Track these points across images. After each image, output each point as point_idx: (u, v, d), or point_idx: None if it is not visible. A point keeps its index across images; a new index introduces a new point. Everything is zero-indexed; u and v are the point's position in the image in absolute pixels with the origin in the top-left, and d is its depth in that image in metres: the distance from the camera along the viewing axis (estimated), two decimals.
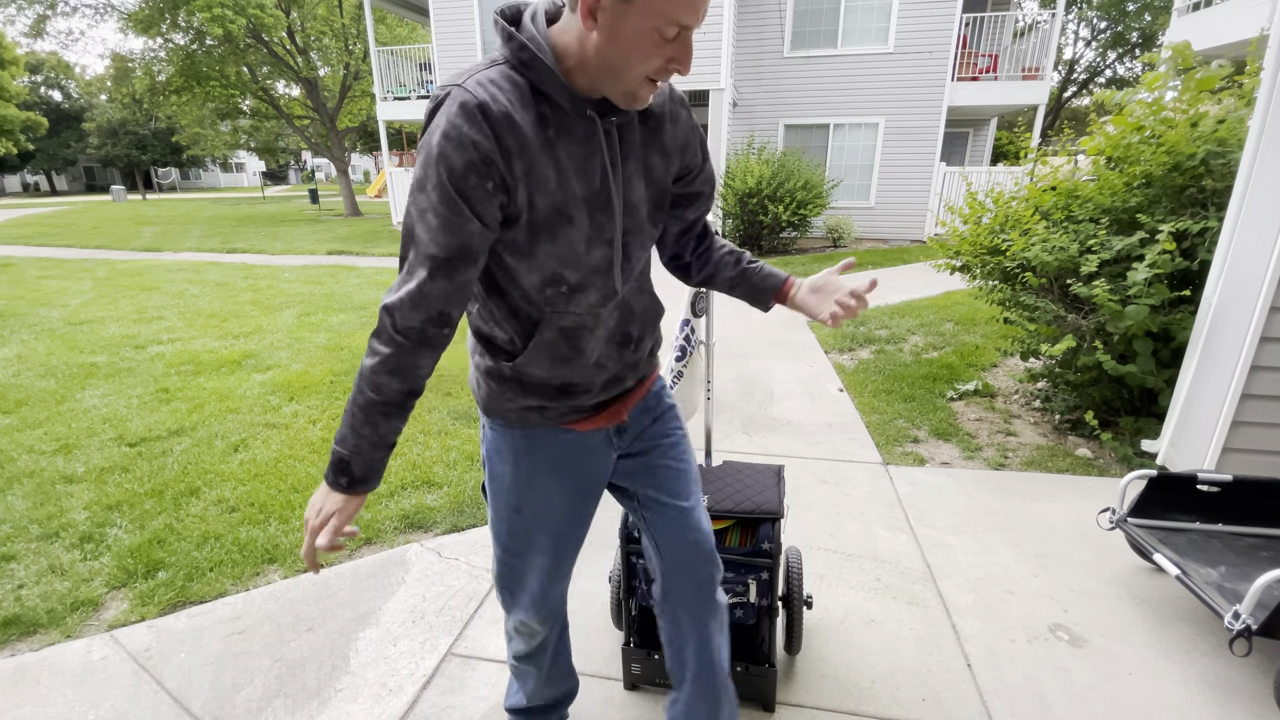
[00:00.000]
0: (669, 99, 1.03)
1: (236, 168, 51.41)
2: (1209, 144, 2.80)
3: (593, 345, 1.06)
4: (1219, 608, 1.67)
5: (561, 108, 0.90)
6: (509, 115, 0.86)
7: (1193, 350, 2.69)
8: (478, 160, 0.85)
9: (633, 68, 0.86)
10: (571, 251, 0.95)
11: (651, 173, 1.02)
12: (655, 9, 0.81)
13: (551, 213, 0.92)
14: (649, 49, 0.84)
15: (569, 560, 1.24)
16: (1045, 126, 14.93)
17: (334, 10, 18.18)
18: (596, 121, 0.93)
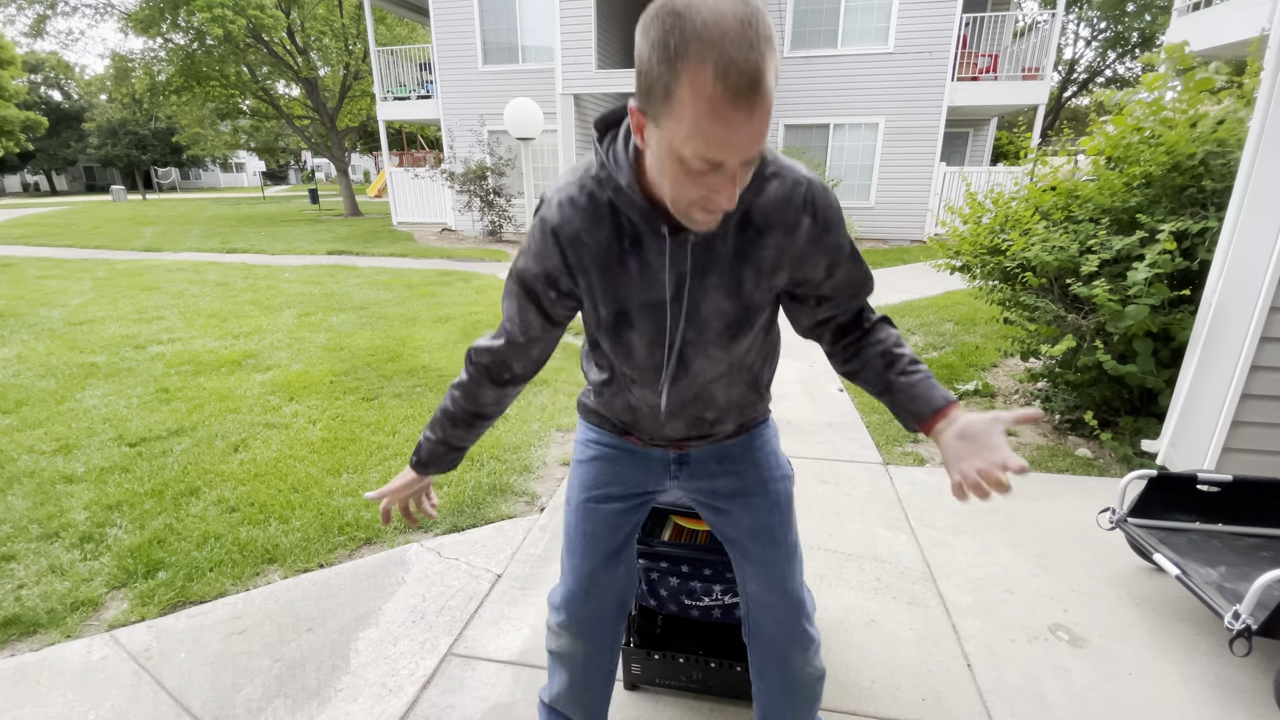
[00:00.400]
0: (791, 205, 0.93)
1: (236, 168, 51.40)
2: (1209, 144, 2.81)
3: (653, 418, 1.14)
4: (1219, 608, 1.67)
5: (635, 222, 0.94)
6: (578, 237, 0.95)
7: (1193, 350, 2.69)
8: (546, 272, 0.99)
9: (674, 193, 0.83)
10: (630, 352, 1.04)
11: (740, 286, 0.98)
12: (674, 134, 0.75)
13: (614, 317, 1.01)
14: (683, 178, 0.80)
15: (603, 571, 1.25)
16: (1045, 126, 14.93)
17: (334, 10, 18.17)
18: (666, 239, 0.93)
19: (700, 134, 0.73)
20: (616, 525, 1.25)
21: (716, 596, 1.54)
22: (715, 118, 0.72)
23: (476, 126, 12.30)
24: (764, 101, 0.72)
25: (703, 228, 0.87)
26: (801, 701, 1.27)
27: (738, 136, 0.73)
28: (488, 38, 11.90)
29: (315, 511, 2.58)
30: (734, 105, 0.71)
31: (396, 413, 3.59)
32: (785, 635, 1.20)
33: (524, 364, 1.11)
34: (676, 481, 1.25)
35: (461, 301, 6.68)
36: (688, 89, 0.71)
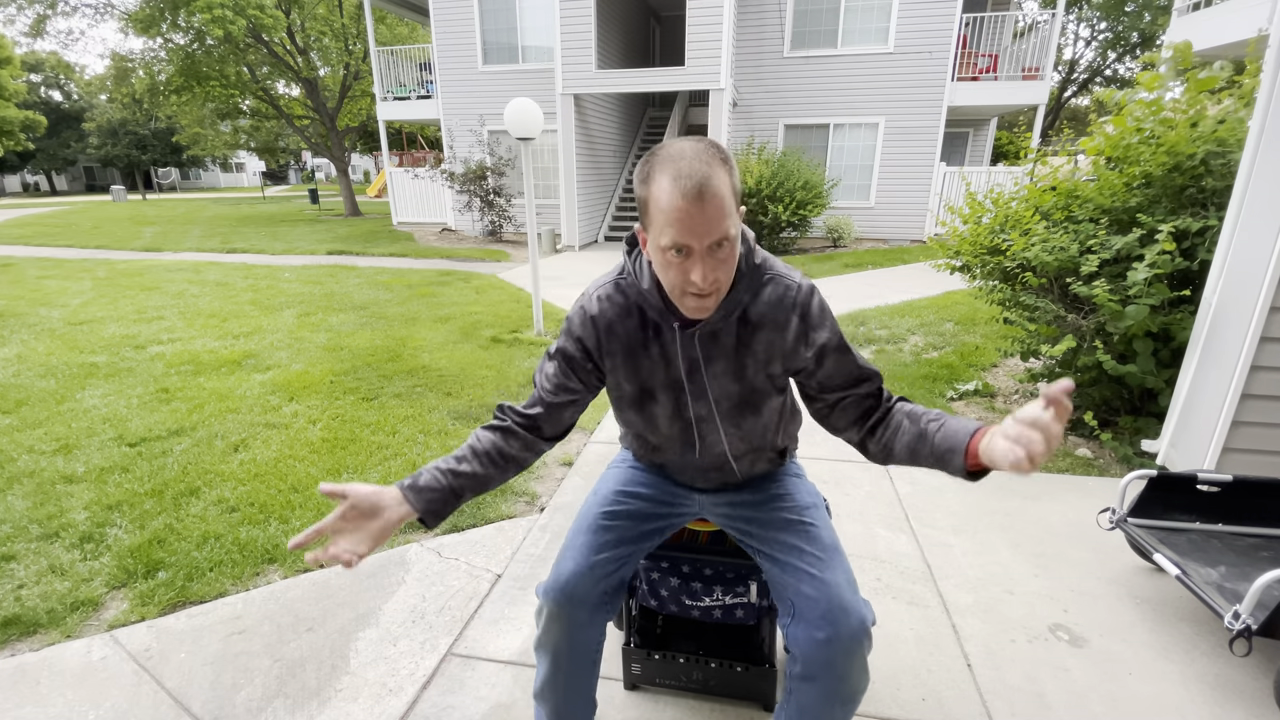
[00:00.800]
0: (782, 307, 1.15)
1: (236, 168, 51.37)
2: (1209, 144, 2.80)
3: (682, 474, 1.38)
4: (1219, 608, 1.67)
5: (656, 321, 1.17)
6: (611, 325, 1.18)
7: (1193, 350, 2.69)
8: (583, 351, 1.21)
9: (667, 284, 1.05)
10: (653, 423, 1.27)
11: (744, 371, 1.18)
12: (656, 233, 0.99)
13: (638, 392, 1.23)
14: (667, 268, 1.02)
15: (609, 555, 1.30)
16: (1045, 126, 14.94)
17: (334, 10, 18.17)
18: (676, 332, 1.16)
19: (667, 227, 0.97)
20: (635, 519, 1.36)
21: (717, 597, 1.54)
22: (673, 212, 0.95)
23: (476, 126, 12.29)
24: (713, 199, 0.94)
25: (697, 314, 1.07)
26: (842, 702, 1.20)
27: (694, 225, 0.95)
28: (488, 38, 11.89)
29: (315, 511, 2.58)
30: (686, 201, 0.94)
31: (396, 413, 3.59)
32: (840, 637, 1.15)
33: (553, 427, 1.24)
34: (703, 496, 1.41)
35: (461, 301, 6.68)
36: (654, 196, 0.97)
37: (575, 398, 1.23)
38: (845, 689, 1.17)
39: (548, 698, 1.36)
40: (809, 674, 1.18)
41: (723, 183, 0.96)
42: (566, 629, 1.27)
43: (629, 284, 1.18)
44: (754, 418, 1.23)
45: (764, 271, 1.16)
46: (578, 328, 1.20)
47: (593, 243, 12.17)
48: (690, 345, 1.16)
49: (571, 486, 2.83)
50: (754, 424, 1.24)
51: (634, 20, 13.10)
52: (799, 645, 1.18)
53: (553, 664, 1.31)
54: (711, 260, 0.99)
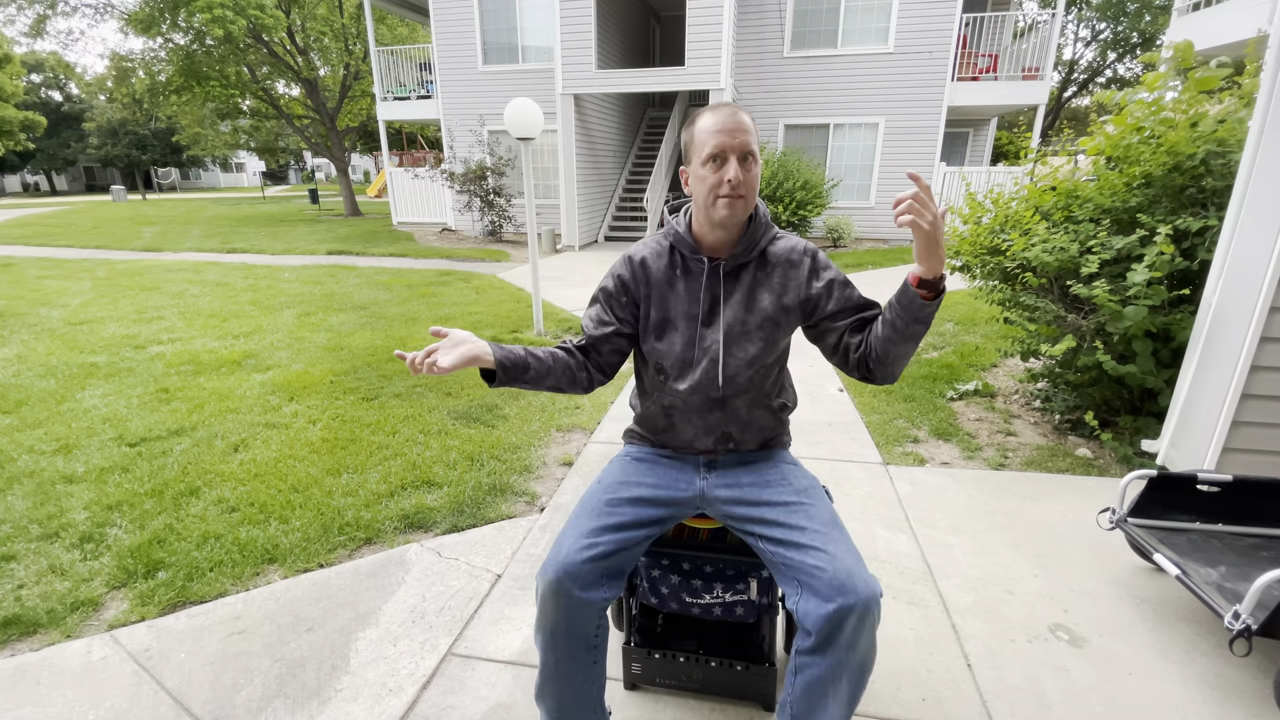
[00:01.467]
0: (795, 251, 1.43)
1: (236, 168, 51.36)
2: (1209, 144, 2.80)
3: (685, 426, 1.47)
4: (1219, 608, 1.67)
5: (686, 257, 1.43)
6: (645, 261, 1.44)
7: (1193, 350, 2.69)
8: (620, 285, 1.45)
9: (704, 195, 1.31)
10: (671, 350, 1.42)
11: (756, 303, 1.40)
12: (702, 152, 1.29)
13: (662, 320, 1.43)
14: (708, 175, 1.29)
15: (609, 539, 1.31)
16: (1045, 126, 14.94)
17: (334, 10, 18.16)
18: (704, 264, 1.40)
19: (707, 141, 1.28)
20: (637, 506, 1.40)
21: (717, 594, 1.54)
22: (712, 126, 1.28)
23: (476, 126, 12.29)
24: (741, 121, 1.28)
25: (728, 221, 1.32)
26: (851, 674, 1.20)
27: (729, 132, 1.27)
28: (488, 38, 11.89)
29: (315, 511, 2.58)
30: (720, 119, 1.28)
31: (396, 413, 3.59)
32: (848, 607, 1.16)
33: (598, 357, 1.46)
34: (705, 481, 1.46)
35: (461, 301, 6.68)
36: (697, 128, 1.31)
37: (614, 329, 1.44)
38: (855, 659, 1.18)
39: (548, 694, 1.35)
40: (819, 645, 1.18)
41: (747, 118, 1.29)
42: (564, 608, 1.26)
43: (668, 234, 1.45)
44: (750, 346, 1.39)
45: (776, 231, 1.45)
46: (620, 266, 1.46)
47: (593, 243, 12.16)
48: (715, 280, 1.40)
49: (571, 486, 2.83)
50: (751, 353, 1.39)
51: (634, 20, 13.10)
52: (809, 618, 1.19)
53: (550, 651, 1.30)
54: (741, 168, 1.27)
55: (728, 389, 1.41)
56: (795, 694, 1.24)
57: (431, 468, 2.95)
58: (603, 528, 1.33)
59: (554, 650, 1.30)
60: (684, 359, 1.41)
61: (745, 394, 1.43)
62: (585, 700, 1.37)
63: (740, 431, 1.46)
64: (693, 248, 1.40)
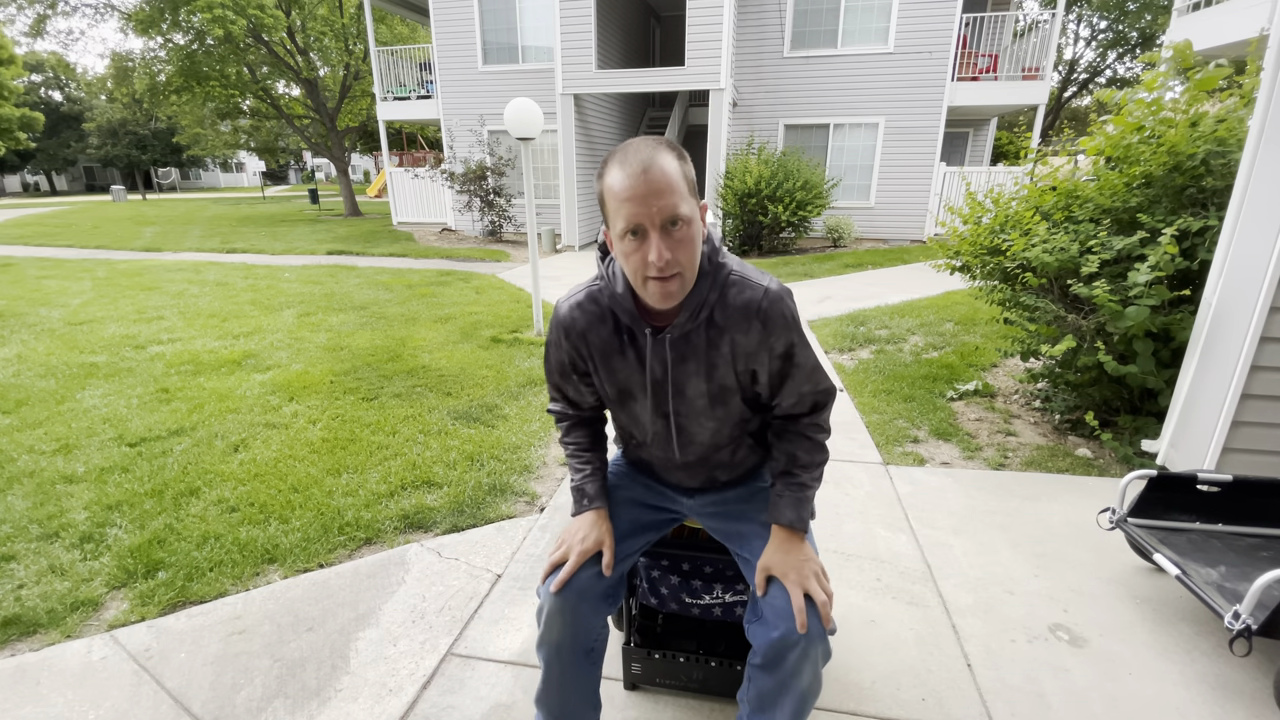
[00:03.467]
0: (746, 312, 1.16)
1: (236, 168, 51.37)
2: (1209, 144, 2.80)
3: (666, 474, 1.42)
4: (1219, 608, 1.67)
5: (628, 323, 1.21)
6: (585, 333, 1.24)
7: (1193, 350, 2.69)
8: (563, 361, 1.30)
9: (631, 275, 1.10)
10: (637, 420, 1.32)
11: (713, 371, 1.22)
12: (613, 225, 1.06)
13: (620, 393, 1.29)
14: (628, 256, 1.06)
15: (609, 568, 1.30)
16: (1045, 126, 14.94)
17: (334, 10, 18.17)
18: (648, 336, 1.20)
19: (619, 210, 1.02)
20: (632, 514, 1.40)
21: (717, 595, 1.54)
22: (623, 193, 1.01)
23: (476, 126, 12.29)
24: (659, 175, 1.00)
25: (662, 302, 1.09)
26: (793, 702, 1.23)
27: (642, 200, 1.00)
28: (488, 38, 11.89)
29: (315, 511, 2.58)
30: (632, 179, 1.00)
31: (396, 413, 3.59)
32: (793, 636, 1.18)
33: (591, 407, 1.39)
34: (691, 500, 1.44)
35: (461, 301, 6.68)
36: (607, 186, 1.04)
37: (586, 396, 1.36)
38: (798, 687, 1.21)
39: (549, 702, 1.36)
40: (765, 666, 1.23)
41: (669, 163, 1.02)
42: (570, 625, 1.26)
43: (602, 291, 1.23)
44: (724, 410, 1.27)
45: (730, 273, 1.17)
46: (554, 340, 1.29)
47: (592, 243, 12.16)
48: (662, 349, 1.20)
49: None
50: (727, 416, 1.28)
51: (634, 20, 13.09)
52: (755, 640, 1.24)
53: (555, 664, 1.30)
54: (667, 240, 1.03)
55: (705, 452, 1.33)
56: (750, 694, 1.29)
57: (431, 468, 2.95)
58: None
59: (560, 662, 1.30)
60: (655, 430, 1.31)
61: (725, 448, 1.34)
62: (585, 699, 1.38)
63: (726, 473, 1.39)
64: (633, 315, 1.19)
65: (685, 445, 1.32)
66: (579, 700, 1.37)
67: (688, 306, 1.15)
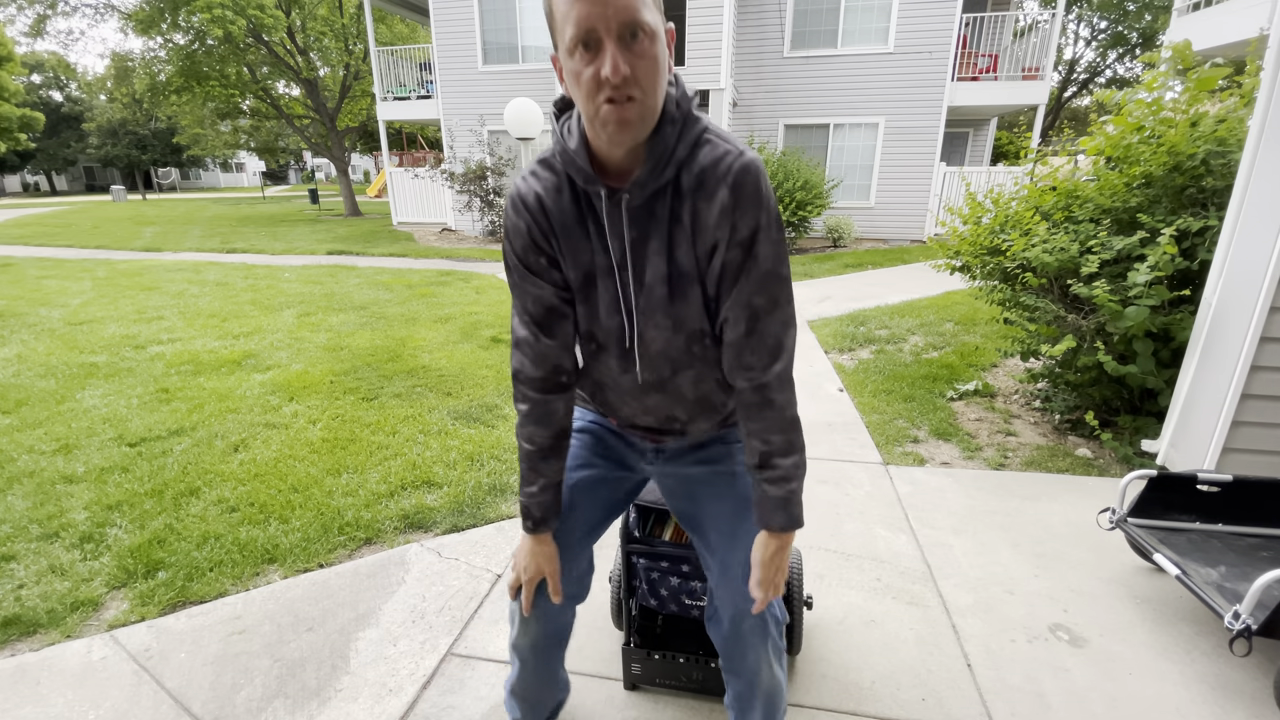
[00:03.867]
0: (718, 173, 0.96)
1: (236, 168, 51.39)
2: (1209, 143, 2.80)
3: (620, 402, 1.20)
4: (1219, 608, 1.67)
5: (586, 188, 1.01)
6: (542, 201, 1.03)
7: (1193, 350, 2.69)
8: (527, 243, 1.05)
9: (580, 96, 0.90)
10: (596, 314, 1.09)
11: (674, 249, 1.02)
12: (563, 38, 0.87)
13: (582, 279, 1.07)
14: (578, 73, 0.87)
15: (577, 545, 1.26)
16: (1045, 126, 14.93)
17: (334, 10, 18.18)
18: (602, 199, 1.00)
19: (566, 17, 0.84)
20: (596, 498, 1.29)
21: None
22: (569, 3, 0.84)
23: (476, 126, 12.29)
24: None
25: (618, 133, 0.89)
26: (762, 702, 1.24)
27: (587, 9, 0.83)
28: (488, 38, 11.89)
29: (315, 511, 2.58)
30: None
31: (396, 413, 3.59)
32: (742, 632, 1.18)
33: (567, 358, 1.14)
34: (654, 466, 1.31)
35: (461, 301, 6.68)
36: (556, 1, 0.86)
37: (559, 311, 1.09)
38: (761, 687, 1.22)
39: (524, 692, 1.42)
40: (727, 667, 1.27)
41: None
42: (543, 626, 1.29)
43: (554, 155, 1.03)
44: (684, 306, 1.05)
45: (704, 129, 0.98)
46: (512, 221, 1.06)
47: None
48: (617, 220, 1.00)
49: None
50: (686, 317, 1.06)
51: None
52: (714, 637, 1.26)
53: (530, 659, 1.34)
54: (626, 53, 0.84)
55: (665, 367, 1.11)
56: (730, 699, 1.32)
57: (431, 468, 2.95)
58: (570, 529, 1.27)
59: (536, 657, 1.34)
60: (611, 326, 1.09)
61: (689, 369, 1.11)
62: (556, 682, 1.46)
63: (689, 413, 1.17)
64: (588, 175, 0.98)
65: (643, 355, 1.10)
66: (552, 685, 1.45)
67: (651, 155, 0.95)
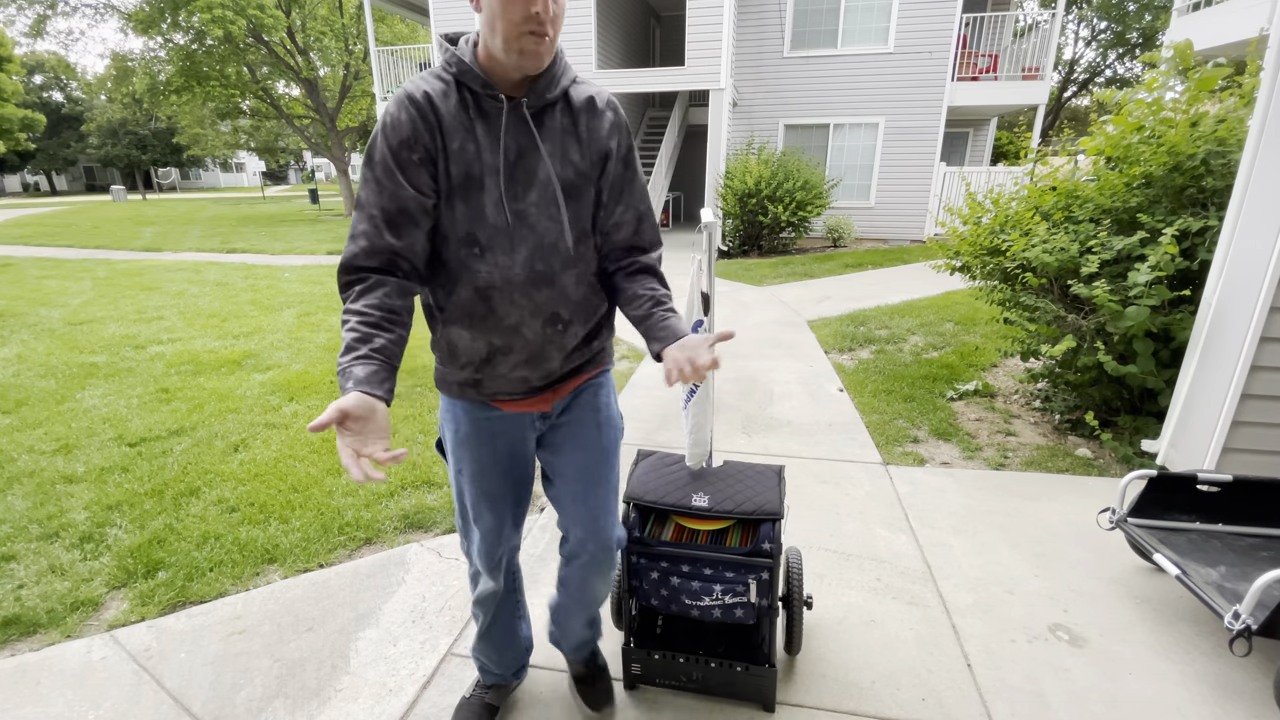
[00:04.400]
0: (601, 99, 1.21)
1: (236, 168, 51.38)
2: (1209, 144, 2.80)
3: (508, 309, 1.20)
4: (1219, 608, 1.67)
5: (477, 93, 1.12)
6: (430, 99, 1.09)
7: (1193, 350, 2.69)
8: (406, 139, 1.09)
9: (504, 24, 1.03)
10: (481, 214, 1.14)
11: (567, 155, 1.18)
12: None
13: (464, 178, 1.12)
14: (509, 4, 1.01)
15: (508, 525, 1.41)
16: (1045, 126, 14.93)
17: (334, 10, 18.18)
18: (503, 104, 1.12)
19: None
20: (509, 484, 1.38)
21: (716, 596, 1.54)
22: None
23: None
24: None
25: (531, 60, 1.06)
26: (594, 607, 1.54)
27: None
28: None
29: (315, 511, 2.58)
30: None
31: (396, 413, 3.59)
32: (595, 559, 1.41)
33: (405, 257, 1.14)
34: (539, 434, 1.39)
35: None
36: None
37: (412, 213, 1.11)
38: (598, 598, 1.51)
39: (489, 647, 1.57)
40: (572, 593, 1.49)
41: None
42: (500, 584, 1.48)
43: (449, 66, 1.13)
44: (576, 206, 1.20)
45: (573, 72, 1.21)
46: (393, 118, 1.09)
47: None
48: (517, 127, 1.13)
49: None
50: (577, 215, 1.20)
51: (634, 20, 13.09)
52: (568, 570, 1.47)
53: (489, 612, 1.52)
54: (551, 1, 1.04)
55: (555, 260, 1.19)
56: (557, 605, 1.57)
57: (431, 467, 2.95)
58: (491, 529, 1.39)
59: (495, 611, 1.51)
60: (498, 223, 1.14)
61: (574, 267, 1.22)
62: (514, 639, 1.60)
63: (571, 312, 1.24)
64: (485, 83, 1.11)
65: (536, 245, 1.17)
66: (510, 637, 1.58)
67: (545, 76, 1.13)
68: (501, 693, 1.64)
